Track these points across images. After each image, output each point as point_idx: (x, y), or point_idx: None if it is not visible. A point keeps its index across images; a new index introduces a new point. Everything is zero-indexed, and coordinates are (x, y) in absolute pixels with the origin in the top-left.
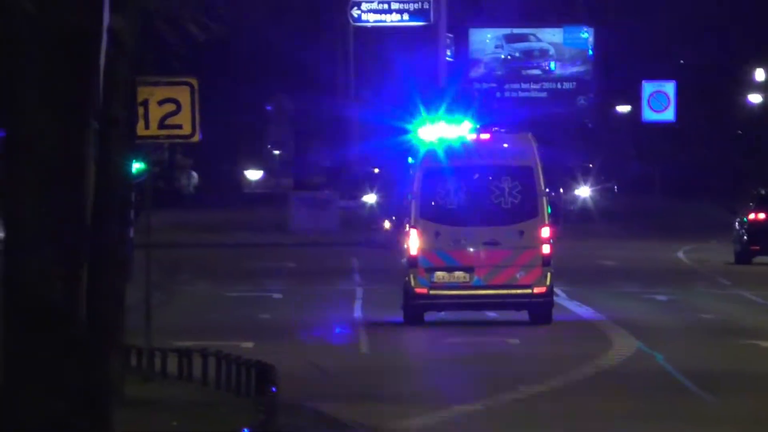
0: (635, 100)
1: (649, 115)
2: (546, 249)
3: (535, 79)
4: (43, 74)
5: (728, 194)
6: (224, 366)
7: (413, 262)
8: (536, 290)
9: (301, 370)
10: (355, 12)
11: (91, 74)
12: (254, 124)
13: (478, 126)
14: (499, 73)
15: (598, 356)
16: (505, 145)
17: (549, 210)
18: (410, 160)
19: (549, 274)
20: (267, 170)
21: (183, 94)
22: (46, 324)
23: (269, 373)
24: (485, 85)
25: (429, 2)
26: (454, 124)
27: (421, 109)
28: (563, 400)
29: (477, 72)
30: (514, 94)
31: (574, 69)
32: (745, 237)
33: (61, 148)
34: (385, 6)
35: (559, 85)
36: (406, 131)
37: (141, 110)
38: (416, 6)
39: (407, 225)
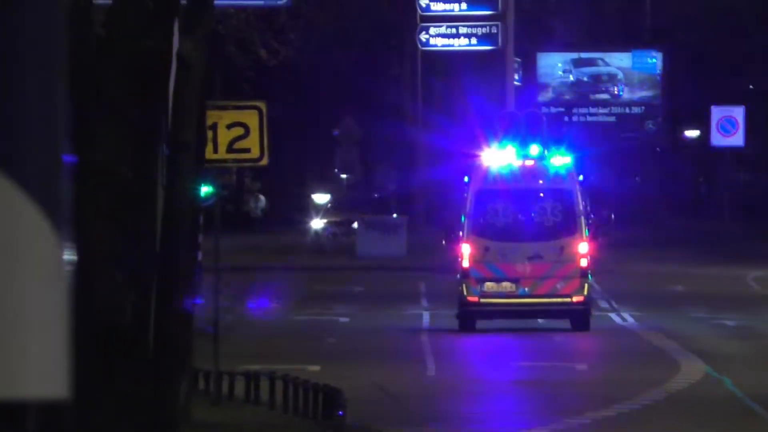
0: (704, 125)
1: (717, 140)
2: (583, 262)
3: (603, 104)
4: (114, 98)
5: None
6: (291, 389)
7: (465, 273)
8: (575, 299)
9: (369, 394)
10: (423, 36)
11: (160, 98)
12: (322, 148)
13: (524, 154)
14: (567, 97)
15: (667, 381)
16: (548, 171)
17: (587, 229)
18: (465, 179)
19: (586, 285)
20: (334, 194)
21: (251, 118)
22: (117, 347)
23: (336, 397)
24: (553, 110)
25: (497, 27)
26: (521, 149)
27: (489, 133)
28: (631, 425)
29: (545, 96)
30: (582, 119)
31: (643, 93)
32: None
33: (132, 172)
34: (454, 30)
35: (627, 110)
36: (473, 155)
37: (210, 134)
38: (484, 30)
39: (461, 241)
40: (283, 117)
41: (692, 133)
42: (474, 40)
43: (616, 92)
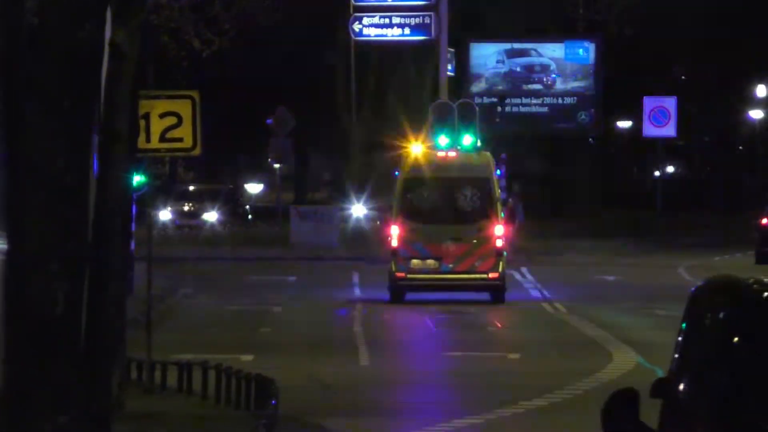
0: (636, 116)
1: (650, 130)
2: (498, 243)
3: (537, 94)
4: (45, 88)
5: (727, 209)
6: (224, 379)
7: (395, 252)
8: (491, 275)
9: (302, 384)
10: (356, 26)
11: (93, 88)
12: (254, 137)
13: (444, 145)
14: (500, 87)
15: (599, 370)
16: (468, 161)
17: (502, 213)
18: (397, 171)
19: (501, 263)
20: (267, 184)
21: (184, 108)
22: (49, 338)
23: (269, 387)
24: (486, 100)
25: (431, 17)
26: (454, 138)
27: (425, 123)
28: (563, 414)
29: (478, 86)
30: (515, 109)
31: (576, 84)
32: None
33: (63, 162)
34: (387, 21)
35: (560, 100)
36: (402, 146)
37: (142, 123)
38: (418, 21)
39: (390, 223)
40: (216, 106)
41: (624, 124)
42: (407, 30)
43: (549, 83)
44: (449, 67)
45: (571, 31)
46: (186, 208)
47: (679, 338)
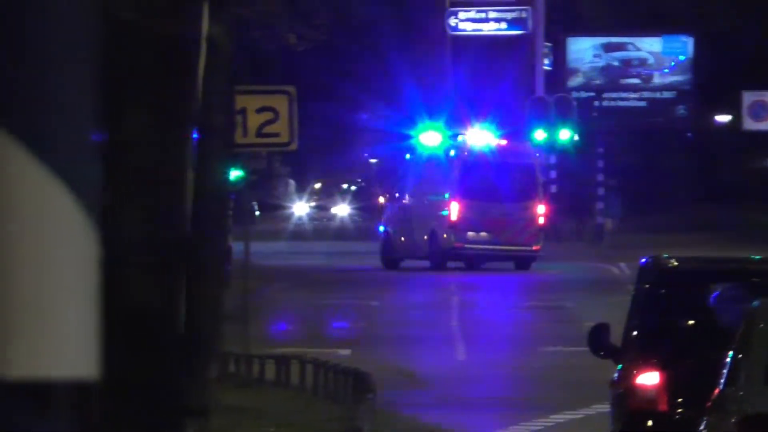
0: (736, 110)
1: (749, 124)
2: (540, 220)
3: (634, 89)
4: (143, 82)
5: None
6: (321, 373)
7: (453, 225)
8: (534, 248)
9: (399, 378)
10: (452, 21)
11: (190, 82)
12: (350, 133)
13: (499, 136)
14: (597, 82)
15: None
16: (515, 149)
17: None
18: (452, 153)
19: (541, 237)
20: (365, 179)
21: (281, 103)
22: (146, 330)
23: (366, 381)
24: (583, 94)
25: (527, 11)
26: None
27: (530, 117)
28: None
29: (575, 81)
30: (612, 104)
31: (673, 78)
32: None
33: (160, 155)
34: (483, 15)
35: (658, 95)
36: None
37: (239, 119)
38: (514, 15)
39: (450, 200)
40: (313, 102)
41: (723, 118)
42: (504, 25)
43: (646, 77)
44: (546, 61)
45: (668, 25)
46: (316, 202)
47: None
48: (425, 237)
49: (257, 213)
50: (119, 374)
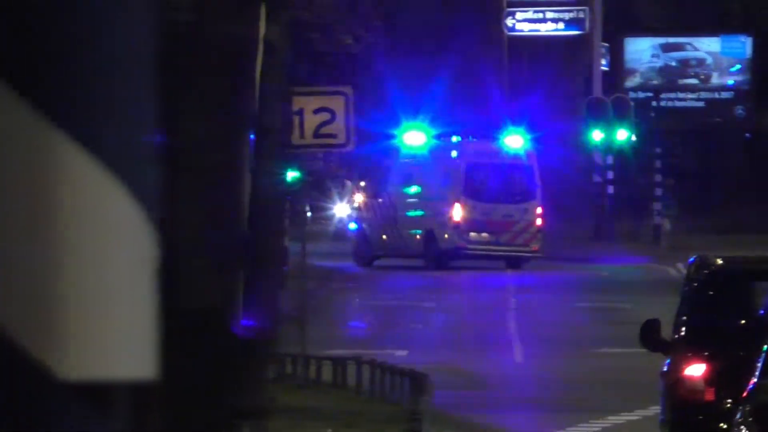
0: None
1: None
2: (539, 221)
3: (692, 89)
4: (200, 84)
5: None
6: (378, 374)
7: (457, 225)
8: (533, 247)
9: (455, 379)
10: (509, 22)
11: (247, 84)
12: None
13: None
14: (654, 82)
15: None
16: (516, 151)
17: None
18: (454, 154)
19: (540, 238)
20: None
21: (337, 104)
22: (204, 331)
23: (423, 382)
24: (641, 95)
25: (585, 11)
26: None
27: (586, 117)
28: None
29: (632, 81)
30: (670, 104)
31: (732, 78)
32: None
33: (218, 157)
34: (540, 15)
35: (716, 95)
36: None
37: (296, 119)
38: (572, 15)
39: (453, 201)
40: (369, 102)
41: None
42: (561, 25)
43: (704, 77)
44: (603, 62)
45: (726, 25)
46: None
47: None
48: (417, 237)
49: (309, 214)
50: (177, 375)
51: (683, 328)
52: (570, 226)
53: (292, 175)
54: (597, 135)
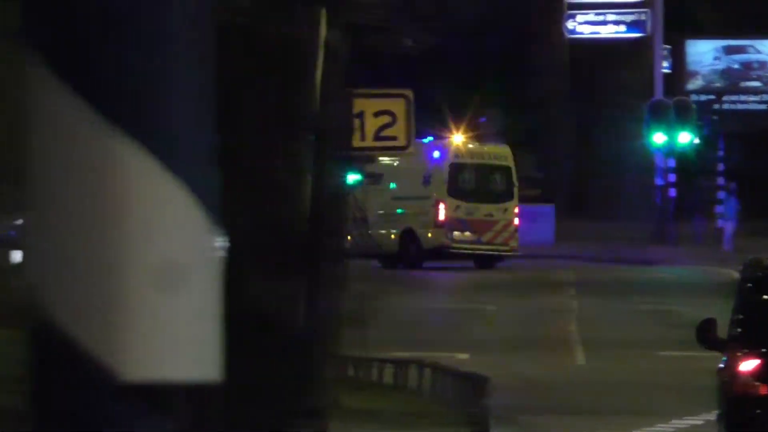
0: None
1: None
2: (516, 221)
3: (754, 91)
4: (258, 87)
5: None
6: (439, 377)
7: (441, 225)
8: (512, 245)
9: (515, 382)
10: (570, 24)
11: (306, 86)
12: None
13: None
14: (716, 84)
15: None
16: (495, 152)
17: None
18: (436, 154)
19: (516, 237)
20: None
21: (398, 106)
22: (265, 333)
23: (484, 385)
24: (703, 97)
25: (647, 14)
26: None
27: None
28: None
29: (694, 84)
30: (732, 106)
31: None
32: None
33: (277, 160)
34: (601, 18)
35: None
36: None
37: (357, 122)
38: (633, 18)
39: (438, 201)
40: (428, 104)
41: None
42: (622, 28)
43: (767, 80)
44: (665, 64)
45: None
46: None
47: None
48: (392, 236)
49: None
50: (239, 376)
51: (738, 327)
52: (631, 228)
53: (353, 177)
54: (659, 138)
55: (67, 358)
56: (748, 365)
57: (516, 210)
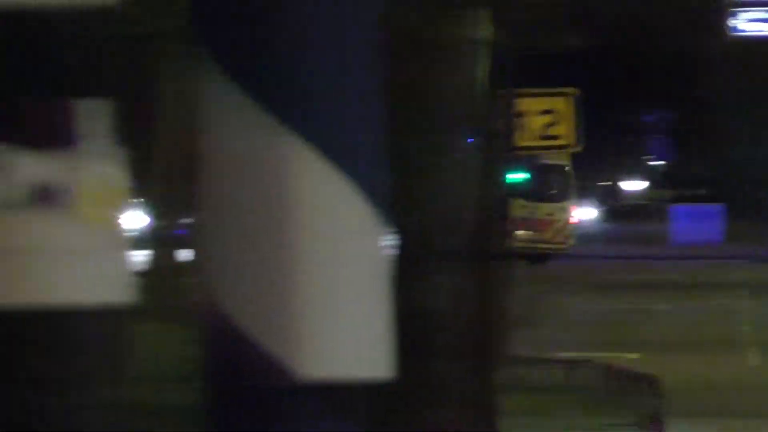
0: None
1: None
2: (573, 219)
3: None
4: (421, 87)
5: None
6: (610, 377)
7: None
8: (569, 243)
9: (688, 383)
10: (731, 22)
11: (469, 85)
12: (633, 134)
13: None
14: None
15: None
16: (555, 153)
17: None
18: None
19: (570, 234)
20: (648, 181)
21: (562, 105)
22: (434, 332)
23: (654, 386)
24: None
25: None
26: None
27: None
28: None
29: None
30: None
31: None
32: None
33: (441, 160)
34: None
35: None
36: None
37: (519, 121)
38: None
39: None
40: (594, 102)
41: None
42: None
43: None
44: None
45: None
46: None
47: None
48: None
49: None
50: (411, 375)
51: None
52: None
53: (521, 176)
54: None
55: (244, 358)
56: None
57: (572, 210)
